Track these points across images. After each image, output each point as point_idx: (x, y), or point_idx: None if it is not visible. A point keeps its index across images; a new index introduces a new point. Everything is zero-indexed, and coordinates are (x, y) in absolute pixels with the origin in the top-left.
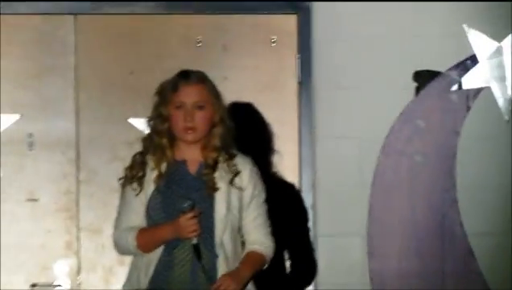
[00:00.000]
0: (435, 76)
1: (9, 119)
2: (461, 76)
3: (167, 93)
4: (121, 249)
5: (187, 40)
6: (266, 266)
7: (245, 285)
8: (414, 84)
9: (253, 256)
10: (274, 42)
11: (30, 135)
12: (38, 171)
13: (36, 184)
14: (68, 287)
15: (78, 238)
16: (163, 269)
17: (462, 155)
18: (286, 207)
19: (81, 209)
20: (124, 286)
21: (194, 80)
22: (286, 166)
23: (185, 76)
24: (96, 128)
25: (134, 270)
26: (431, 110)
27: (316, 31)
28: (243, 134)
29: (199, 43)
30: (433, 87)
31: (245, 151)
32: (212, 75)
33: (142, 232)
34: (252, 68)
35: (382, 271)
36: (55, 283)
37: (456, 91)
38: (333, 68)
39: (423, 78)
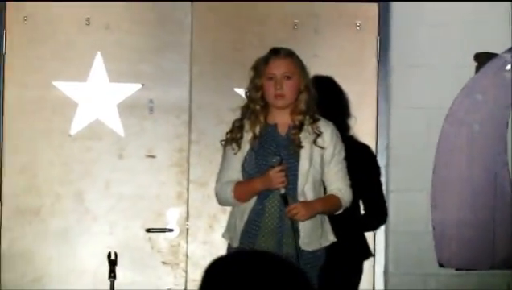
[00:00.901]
0: (492, 58)
1: (133, 87)
2: None
3: (260, 66)
4: (221, 200)
5: (285, 23)
6: (341, 211)
7: (314, 215)
8: (475, 64)
9: (329, 197)
10: (358, 26)
11: (151, 101)
12: (156, 131)
13: (154, 143)
14: (178, 231)
15: (188, 190)
16: (256, 216)
17: None
18: (362, 164)
19: (191, 164)
20: (224, 232)
21: (283, 54)
22: (366, 130)
23: (275, 51)
24: (206, 96)
25: (231, 217)
26: (487, 86)
27: (394, 18)
28: (326, 102)
29: (295, 26)
30: (490, 67)
31: (327, 117)
32: (305, 53)
33: (238, 184)
34: (339, 47)
35: (443, 221)
36: (167, 228)
37: (509, 70)
38: (407, 49)
39: (482, 59)
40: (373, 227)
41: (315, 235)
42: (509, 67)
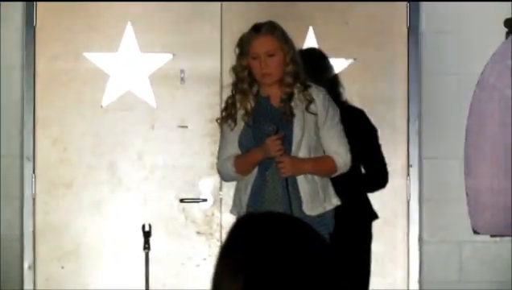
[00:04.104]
0: None
1: (164, 57)
2: None
3: (244, 45)
4: (224, 176)
5: None
6: (338, 173)
7: (300, 173)
8: (505, 30)
9: (323, 158)
10: None
11: (182, 71)
12: (188, 101)
13: (186, 113)
14: (212, 201)
15: None
16: (259, 187)
17: None
18: (358, 127)
19: None
20: (231, 208)
21: (263, 32)
22: (397, 98)
23: (256, 29)
24: None
25: (236, 193)
26: None
27: None
28: (314, 72)
29: None
30: None
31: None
32: (335, 19)
33: (238, 157)
34: (369, 15)
35: (477, 187)
36: (201, 198)
37: None
38: (437, 15)
39: None
40: (375, 188)
41: (317, 199)
42: None
